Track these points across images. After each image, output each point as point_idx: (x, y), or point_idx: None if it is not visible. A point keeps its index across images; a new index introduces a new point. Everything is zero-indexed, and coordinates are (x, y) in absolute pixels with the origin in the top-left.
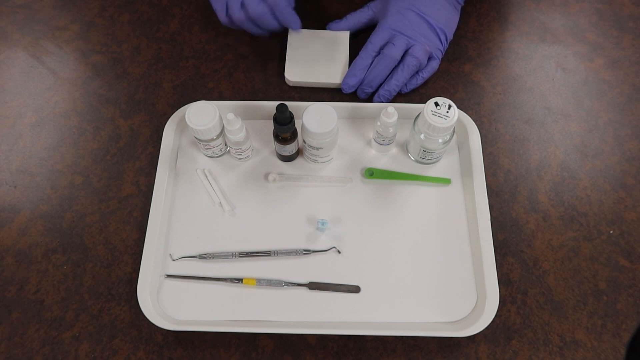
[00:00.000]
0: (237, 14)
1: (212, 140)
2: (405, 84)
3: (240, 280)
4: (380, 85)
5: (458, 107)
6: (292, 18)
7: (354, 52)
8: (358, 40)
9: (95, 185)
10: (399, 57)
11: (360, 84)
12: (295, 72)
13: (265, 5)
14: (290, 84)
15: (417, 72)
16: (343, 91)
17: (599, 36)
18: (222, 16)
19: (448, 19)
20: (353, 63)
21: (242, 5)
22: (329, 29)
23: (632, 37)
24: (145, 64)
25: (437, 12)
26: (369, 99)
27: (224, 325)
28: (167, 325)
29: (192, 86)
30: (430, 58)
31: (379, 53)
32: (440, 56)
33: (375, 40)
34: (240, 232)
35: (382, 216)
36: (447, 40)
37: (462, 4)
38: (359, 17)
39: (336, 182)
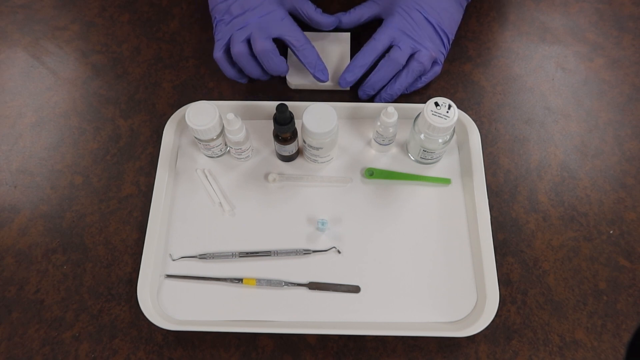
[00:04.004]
0: (237, 45)
1: (212, 140)
2: (408, 88)
3: (240, 280)
4: (383, 87)
5: (458, 107)
6: (319, 67)
7: (354, 53)
8: (360, 42)
9: (95, 185)
10: (403, 62)
11: (361, 84)
12: (297, 76)
13: (272, 43)
14: (292, 87)
15: (419, 76)
16: (340, 86)
17: (599, 36)
18: (217, 50)
19: (452, 20)
20: (353, 59)
21: (247, 41)
22: (337, 17)
23: (632, 37)
24: (145, 64)
25: (442, 13)
26: (369, 99)
27: (224, 325)
28: (167, 325)
29: (192, 86)
30: (433, 62)
31: (381, 53)
32: (442, 60)
33: (379, 38)
34: (240, 232)
35: (382, 216)
36: (449, 42)
37: (469, 1)
38: (363, 11)
39: (336, 182)
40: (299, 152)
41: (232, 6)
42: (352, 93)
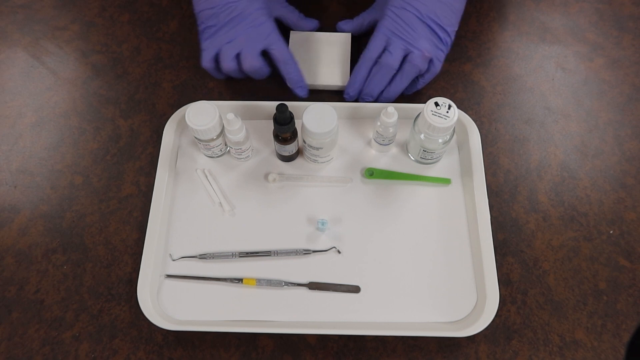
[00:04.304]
0: (228, 63)
1: (212, 140)
2: (406, 88)
3: (240, 280)
4: (382, 92)
5: (458, 107)
6: (301, 83)
7: (355, 53)
8: (360, 41)
9: (95, 185)
10: (397, 66)
11: (360, 92)
12: None
13: (262, 60)
14: None
15: (417, 77)
16: (345, 99)
17: (599, 36)
18: (205, 60)
19: (450, 12)
20: (353, 72)
21: (237, 56)
22: (338, 28)
23: (632, 37)
24: (145, 64)
25: (437, 6)
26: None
27: (224, 325)
28: (167, 325)
29: (192, 86)
30: (430, 61)
31: (377, 60)
32: (442, 57)
33: (372, 46)
34: (240, 232)
35: (382, 216)
36: (449, 36)
37: None
38: (364, 17)
39: (336, 182)
40: (299, 152)
41: (221, 14)
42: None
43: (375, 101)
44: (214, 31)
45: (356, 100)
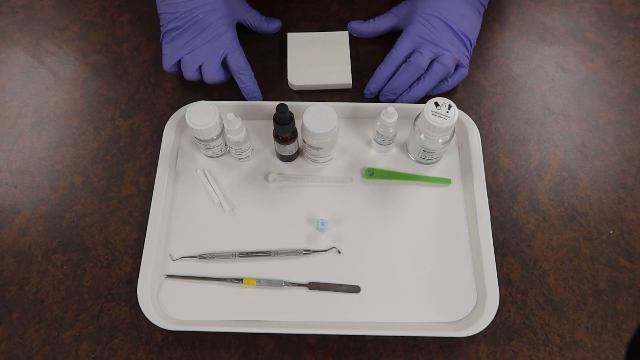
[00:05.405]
0: (191, 74)
1: (212, 140)
2: (432, 90)
3: (240, 280)
4: (406, 92)
5: (458, 107)
6: (256, 93)
7: (354, 52)
8: (357, 41)
9: (95, 185)
10: (425, 66)
11: (383, 89)
12: (298, 77)
13: (222, 73)
14: (295, 89)
15: (444, 80)
16: (365, 96)
17: (599, 36)
18: (167, 65)
19: (471, 25)
20: (377, 69)
21: (199, 67)
22: (350, 28)
23: (632, 37)
24: (145, 64)
25: (461, 18)
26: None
27: (224, 325)
28: (167, 325)
29: (192, 86)
30: (457, 66)
31: (404, 61)
32: (467, 62)
33: (400, 47)
34: (240, 232)
35: (382, 216)
36: (471, 45)
37: (486, 7)
38: (381, 23)
39: (336, 182)
40: (299, 152)
41: (182, 20)
42: (352, 93)
43: (396, 101)
44: (174, 36)
45: (354, 90)
